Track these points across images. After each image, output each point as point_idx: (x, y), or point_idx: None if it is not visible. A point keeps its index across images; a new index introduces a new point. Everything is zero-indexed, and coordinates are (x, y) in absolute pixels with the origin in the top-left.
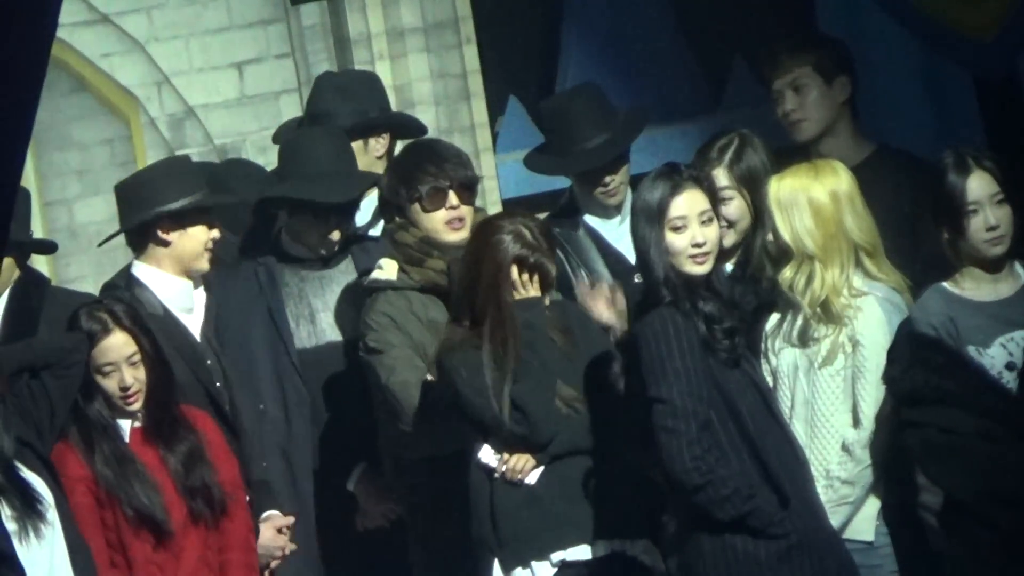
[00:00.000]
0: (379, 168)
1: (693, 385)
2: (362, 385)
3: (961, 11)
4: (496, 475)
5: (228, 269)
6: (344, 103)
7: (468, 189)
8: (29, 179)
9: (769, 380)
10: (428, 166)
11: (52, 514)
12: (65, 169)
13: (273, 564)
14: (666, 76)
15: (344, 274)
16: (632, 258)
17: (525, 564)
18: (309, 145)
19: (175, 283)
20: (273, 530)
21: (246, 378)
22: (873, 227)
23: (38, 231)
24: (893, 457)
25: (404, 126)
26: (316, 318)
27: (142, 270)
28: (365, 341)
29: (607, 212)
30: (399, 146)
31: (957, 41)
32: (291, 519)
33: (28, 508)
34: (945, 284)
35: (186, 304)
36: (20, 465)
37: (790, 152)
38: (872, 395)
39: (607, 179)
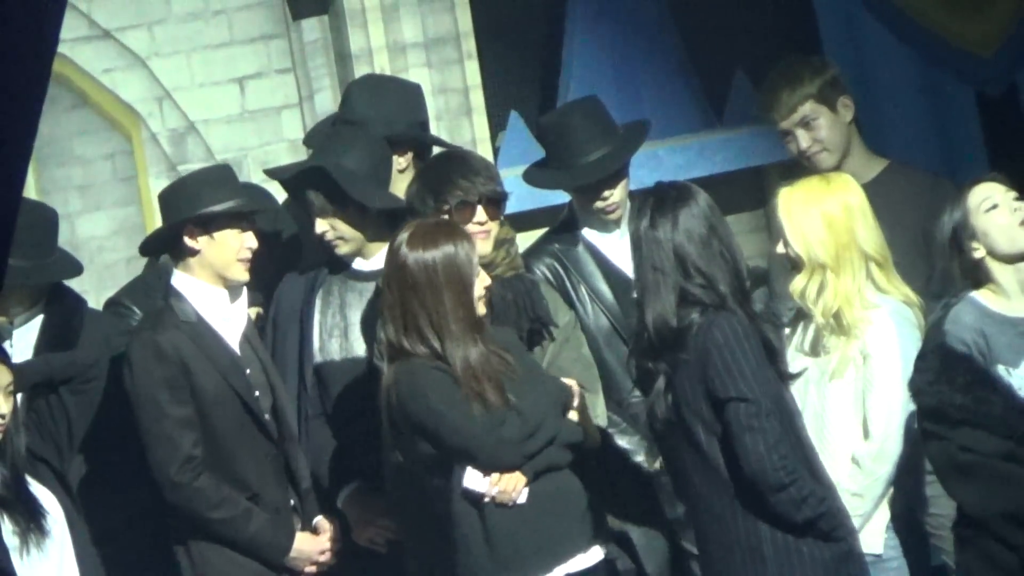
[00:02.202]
0: (401, 183)
1: (768, 386)
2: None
3: (962, 26)
4: (487, 499)
5: (293, 274)
6: (373, 112)
7: (496, 204)
8: (30, 194)
9: None
10: (458, 179)
11: (60, 529)
12: (67, 184)
13: (308, 569)
14: (668, 91)
15: None
16: (630, 273)
17: None
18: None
19: (210, 292)
20: (311, 537)
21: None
22: (883, 240)
23: None
24: (902, 470)
25: (430, 146)
26: (349, 331)
27: (179, 279)
28: (380, 349)
29: (606, 226)
30: None
31: (957, 56)
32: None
33: (32, 523)
34: (978, 296)
35: (223, 313)
36: (32, 480)
37: (783, 168)
38: (882, 408)
39: (606, 193)
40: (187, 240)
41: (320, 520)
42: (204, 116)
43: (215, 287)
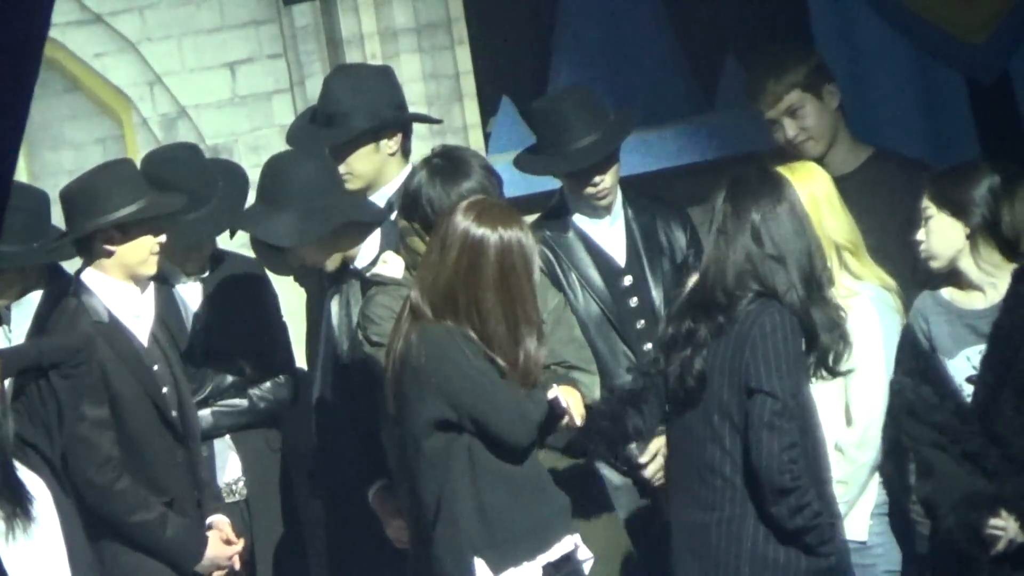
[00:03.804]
0: (392, 166)
1: (797, 388)
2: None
3: (954, 13)
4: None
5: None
6: (356, 102)
7: None
8: (21, 179)
9: None
10: (464, 182)
11: (47, 515)
12: (58, 169)
13: (216, 574)
14: (658, 77)
15: None
16: (620, 260)
17: (518, 564)
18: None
19: (122, 288)
20: (220, 543)
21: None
22: (853, 227)
23: None
24: (887, 456)
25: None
26: (352, 326)
27: (89, 275)
28: (367, 335)
29: (597, 212)
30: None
31: (949, 43)
32: (225, 521)
33: (18, 508)
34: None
35: (133, 310)
36: (19, 465)
37: (771, 156)
38: (864, 395)
39: (596, 179)
40: (105, 245)
41: (216, 519)
42: (195, 101)
43: (126, 284)
